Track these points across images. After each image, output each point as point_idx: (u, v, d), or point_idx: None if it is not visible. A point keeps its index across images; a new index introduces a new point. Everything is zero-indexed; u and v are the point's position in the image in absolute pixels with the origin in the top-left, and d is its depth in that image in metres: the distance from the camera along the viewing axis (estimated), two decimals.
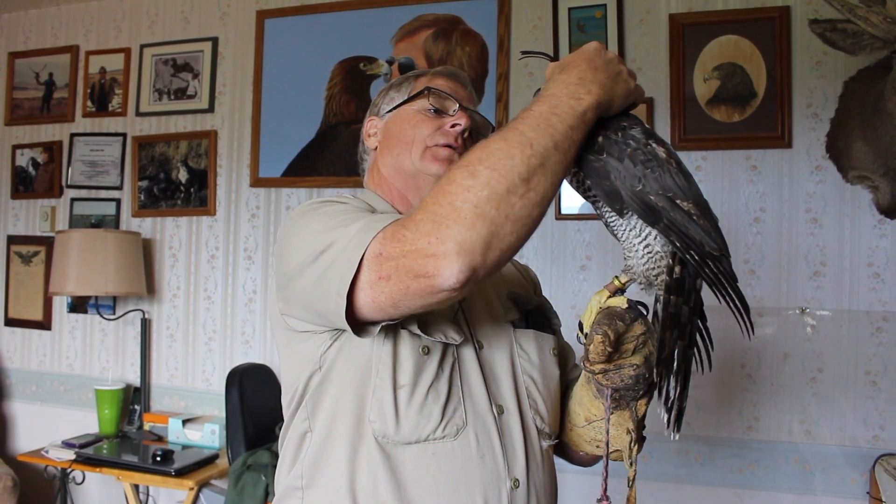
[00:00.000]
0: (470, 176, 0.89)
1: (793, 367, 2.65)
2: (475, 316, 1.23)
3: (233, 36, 3.44)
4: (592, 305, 1.09)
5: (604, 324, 1.03)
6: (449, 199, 0.89)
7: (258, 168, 3.34)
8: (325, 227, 1.03)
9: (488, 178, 0.89)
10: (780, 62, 2.66)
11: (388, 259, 0.92)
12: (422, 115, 1.27)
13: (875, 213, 2.55)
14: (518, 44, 3.00)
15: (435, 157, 1.24)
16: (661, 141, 1.03)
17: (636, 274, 1.06)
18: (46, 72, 3.79)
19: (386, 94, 1.35)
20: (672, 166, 1.00)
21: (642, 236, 1.03)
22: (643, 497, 2.76)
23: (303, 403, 1.15)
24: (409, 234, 0.90)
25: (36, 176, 3.77)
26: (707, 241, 0.98)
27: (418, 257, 0.89)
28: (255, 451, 2.75)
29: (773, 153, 2.68)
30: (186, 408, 3.44)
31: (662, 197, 0.99)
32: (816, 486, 2.60)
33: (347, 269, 0.94)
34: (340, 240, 0.98)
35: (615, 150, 1.00)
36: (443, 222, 0.88)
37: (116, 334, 3.60)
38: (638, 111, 3.04)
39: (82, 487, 3.48)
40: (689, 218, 0.98)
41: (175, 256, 3.51)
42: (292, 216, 1.14)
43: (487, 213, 0.88)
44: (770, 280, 2.68)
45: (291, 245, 1.08)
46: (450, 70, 1.35)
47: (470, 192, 0.88)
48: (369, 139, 1.35)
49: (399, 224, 0.93)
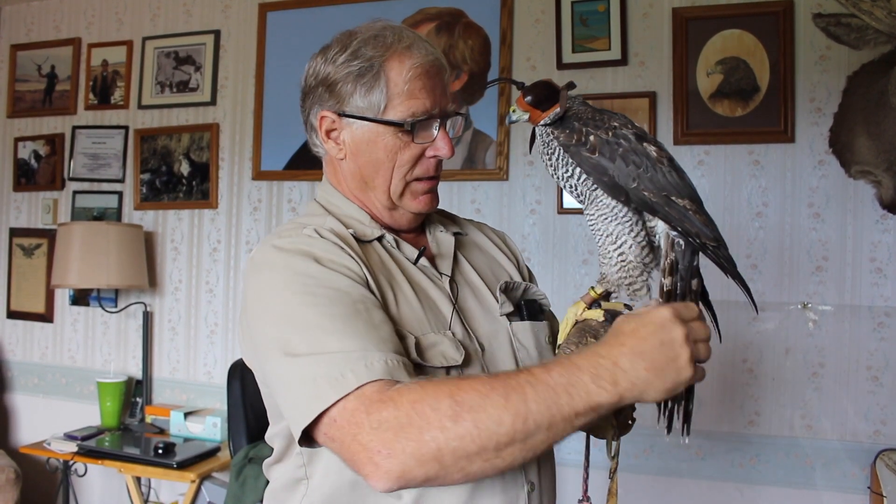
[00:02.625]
0: (453, 418, 0.86)
1: (794, 362, 2.65)
2: (470, 315, 1.21)
3: (235, 29, 3.44)
4: (569, 317, 1.11)
5: (572, 342, 1.05)
6: (422, 422, 0.86)
7: (260, 161, 3.33)
8: (302, 321, 1.00)
9: (466, 432, 0.86)
10: (783, 56, 2.65)
11: (339, 429, 0.91)
12: (398, 141, 1.15)
13: (878, 208, 2.55)
14: (521, 37, 2.99)
15: (415, 195, 1.20)
16: (652, 140, 1.05)
17: (610, 283, 1.08)
18: (48, 64, 3.78)
19: (344, 82, 1.15)
20: (664, 165, 1.02)
21: (618, 244, 1.06)
22: (645, 491, 2.77)
23: (297, 451, 1.12)
24: (366, 429, 0.88)
25: (38, 168, 3.77)
26: (704, 231, 1.01)
27: (362, 452, 0.88)
28: (256, 444, 2.75)
29: (776, 148, 2.68)
30: (188, 401, 3.44)
31: (657, 194, 1.01)
32: (817, 480, 2.60)
33: (311, 406, 0.93)
34: (314, 365, 0.95)
35: (607, 150, 1.02)
36: (402, 440, 0.86)
37: (118, 327, 3.60)
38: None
39: (84, 480, 3.49)
40: (686, 213, 1.01)
41: (177, 249, 3.51)
42: (257, 266, 1.09)
43: (444, 460, 0.86)
44: (772, 275, 2.67)
45: (260, 312, 1.05)
46: (428, 59, 1.16)
47: (443, 433, 0.86)
48: (329, 142, 1.20)
49: (366, 401, 0.90)
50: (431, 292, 1.17)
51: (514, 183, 2.98)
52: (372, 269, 1.10)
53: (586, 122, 1.06)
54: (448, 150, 1.17)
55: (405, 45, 1.15)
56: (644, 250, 1.06)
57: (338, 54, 1.16)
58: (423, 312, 1.12)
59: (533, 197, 2.95)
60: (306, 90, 1.22)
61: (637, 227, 1.05)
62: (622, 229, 1.05)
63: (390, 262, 1.17)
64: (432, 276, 1.20)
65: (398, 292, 1.12)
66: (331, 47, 1.18)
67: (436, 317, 1.14)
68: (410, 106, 1.13)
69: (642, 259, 1.06)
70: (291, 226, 1.17)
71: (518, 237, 2.95)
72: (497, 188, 3.00)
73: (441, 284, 1.20)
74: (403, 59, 1.14)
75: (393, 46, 1.14)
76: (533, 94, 1.08)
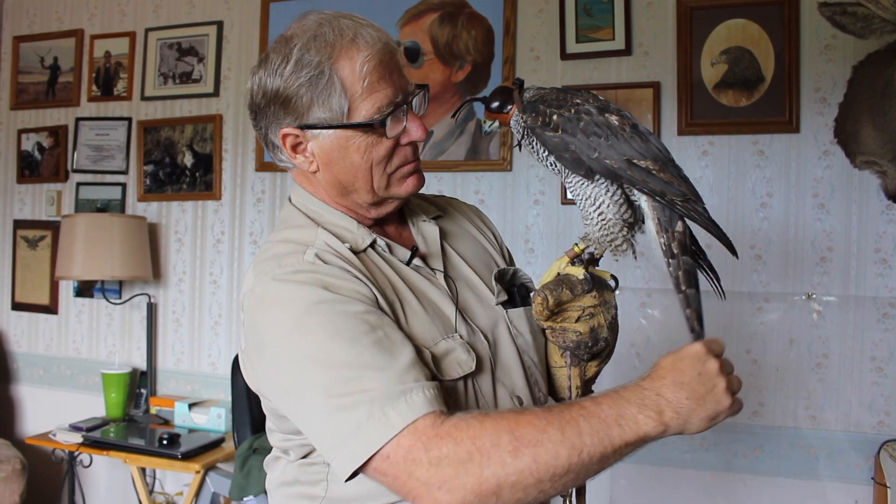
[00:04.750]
0: (512, 453, 0.89)
1: (798, 353, 2.65)
2: (470, 310, 1.20)
3: (238, 19, 3.43)
4: (553, 268, 1.19)
5: (549, 288, 1.13)
6: (482, 458, 0.89)
7: (264, 152, 3.33)
8: (330, 359, 0.98)
9: (526, 467, 0.89)
10: (788, 46, 2.63)
11: (393, 465, 0.92)
12: (369, 139, 1.11)
13: (883, 198, 2.54)
14: (524, 27, 2.98)
15: (401, 181, 1.17)
16: (615, 110, 1.11)
17: (591, 240, 1.15)
18: (51, 56, 3.78)
19: (297, 95, 1.09)
20: (625, 132, 1.08)
21: (596, 204, 1.11)
22: (648, 481, 2.78)
23: (311, 459, 1.14)
24: (425, 465, 0.90)
25: (42, 160, 3.77)
26: (669, 189, 1.07)
27: (420, 488, 0.90)
28: (260, 434, 2.76)
29: (781, 138, 2.67)
30: (192, 392, 3.45)
31: (618, 160, 1.07)
32: (821, 471, 2.60)
33: (360, 451, 0.93)
34: (353, 412, 0.94)
35: (569, 126, 1.09)
36: (462, 475, 0.89)
37: (122, 318, 3.61)
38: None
39: (89, 470, 3.50)
40: (648, 173, 1.07)
41: (181, 241, 3.52)
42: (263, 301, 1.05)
43: (503, 494, 0.89)
44: (776, 265, 2.67)
45: (282, 353, 1.02)
46: (377, 46, 1.10)
47: (503, 468, 0.89)
48: (297, 157, 1.14)
49: (422, 437, 0.91)
50: (431, 294, 1.16)
51: (517, 173, 2.98)
52: (377, 284, 1.09)
53: (550, 103, 1.11)
54: (421, 131, 1.14)
55: (349, 38, 1.08)
56: (622, 207, 1.11)
57: (281, 66, 1.09)
58: (430, 319, 1.12)
59: (536, 187, 2.95)
60: (256, 109, 1.15)
61: (612, 187, 1.11)
62: (599, 191, 1.11)
63: (387, 268, 1.15)
64: (427, 276, 1.19)
65: (405, 304, 1.11)
66: (270, 59, 1.12)
67: (441, 320, 1.14)
68: (374, 101, 1.09)
69: (621, 216, 1.12)
70: (287, 248, 1.11)
71: (522, 227, 2.95)
72: (501, 179, 3.00)
73: (438, 282, 1.19)
74: (352, 54, 1.08)
75: (336, 44, 1.08)
76: (492, 102, 1.17)
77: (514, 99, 1.16)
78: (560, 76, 2.92)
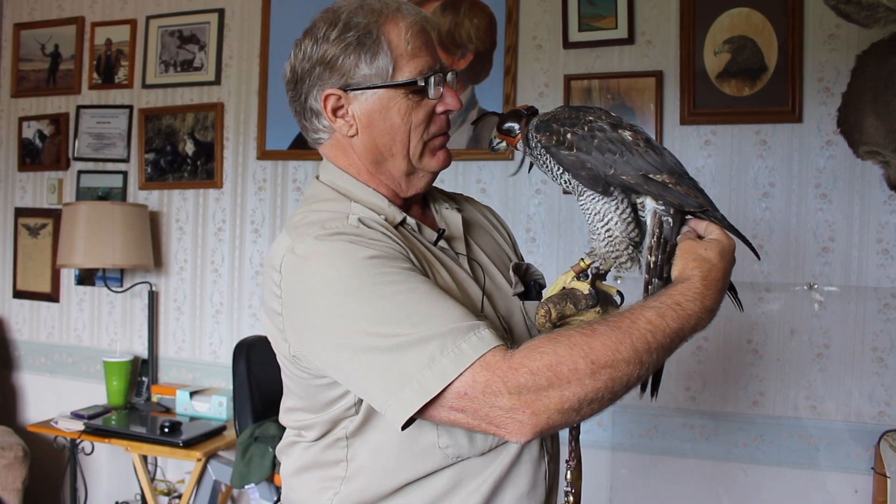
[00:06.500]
0: (591, 375, 0.93)
1: (799, 343, 2.65)
2: (492, 296, 1.23)
3: (239, 7, 3.41)
4: (558, 282, 1.19)
5: (552, 301, 1.14)
6: (562, 382, 0.92)
7: (265, 141, 3.32)
8: (391, 305, 0.99)
9: (604, 385, 0.94)
10: (791, 35, 2.62)
11: (472, 400, 0.94)
12: (410, 102, 1.15)
13: (885, 188, 2.53)
14: (527, 15, 2.96)
15: (433, 152, 1.20)
16: (628, 126, 1.12)
17: (598, 256, 1.16)
18: (52, 43, 3.77)
19: (345, 55, 1.13)
20: (640, 147, 1.09)
21: (605, 221, 1.13)
22: (648, 470, 2.78)
23: (331, 439, 1.14)
24: (505, 395, 0.92)
25: (43, 148, 3.77)
26: (686, 201, 1.08)
27: (503, 416, 0.93)
28: (262, 422, 2.76)
29: (784, 128, 2.66)
30: (194, 380, 3.46)
31: (635, 175, 1.08)
32: (821, 461, 2.61)
33: (424, 390, 0.95)
34: (424, 347, 0.96)
35: (583, 144, 1.10)
36: (544, 398, 0.92)
37: (124, 306, 3.61)
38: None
39: (91, 458, 3.51)
40: (665, 187, 1.08)
41: (182, 229, 3.52)
42: (309, 259, 1.05)
43: (582, 409, 0.94)
44: (778, 255, 2.67)
45: (336, 303, 1.01)
46: (419, 17, 1.17)
47: (582, 388, 0.93)
48: (337, 121, 1.17)
49: (497, 371, 0.93)
50: (458, 275, 1.19)
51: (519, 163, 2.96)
52: (416, 255, 1.11)
53: (563, 122, 1.13)
54: (457, 101, 1.19)
55: (394, 7, 1.15)
56: (629, 226, 1.13)
57: (329, 31, 1.14)
58: (462, 297, 1.14)
59: (538, 177, 2.94)
60: (299, 76, 1.17)
61: (622, 205, 1.12)
62: (608, 208, 1.12)
63: (419, 245, 1.17)
64: (452, 258, 1.21)
65: (437, 277, 1.13)
66: (317, 27, 1.16)
67: (469, 300, 1.15)
68: (417, 64, 1.14)
69: (628, 234, 1.13)
70: (326, 215, 1.12)
71: (523, 217, 2.94)
72: (503, 168, 2.99)
73: (463, 265, 1.22)
74: (398, 20, 1.14)
75: (383, 11, 1.14)
76: (505, 122, 1.21)
77: (521, 129, 1.19)
78: (562, 65, 2.91)
